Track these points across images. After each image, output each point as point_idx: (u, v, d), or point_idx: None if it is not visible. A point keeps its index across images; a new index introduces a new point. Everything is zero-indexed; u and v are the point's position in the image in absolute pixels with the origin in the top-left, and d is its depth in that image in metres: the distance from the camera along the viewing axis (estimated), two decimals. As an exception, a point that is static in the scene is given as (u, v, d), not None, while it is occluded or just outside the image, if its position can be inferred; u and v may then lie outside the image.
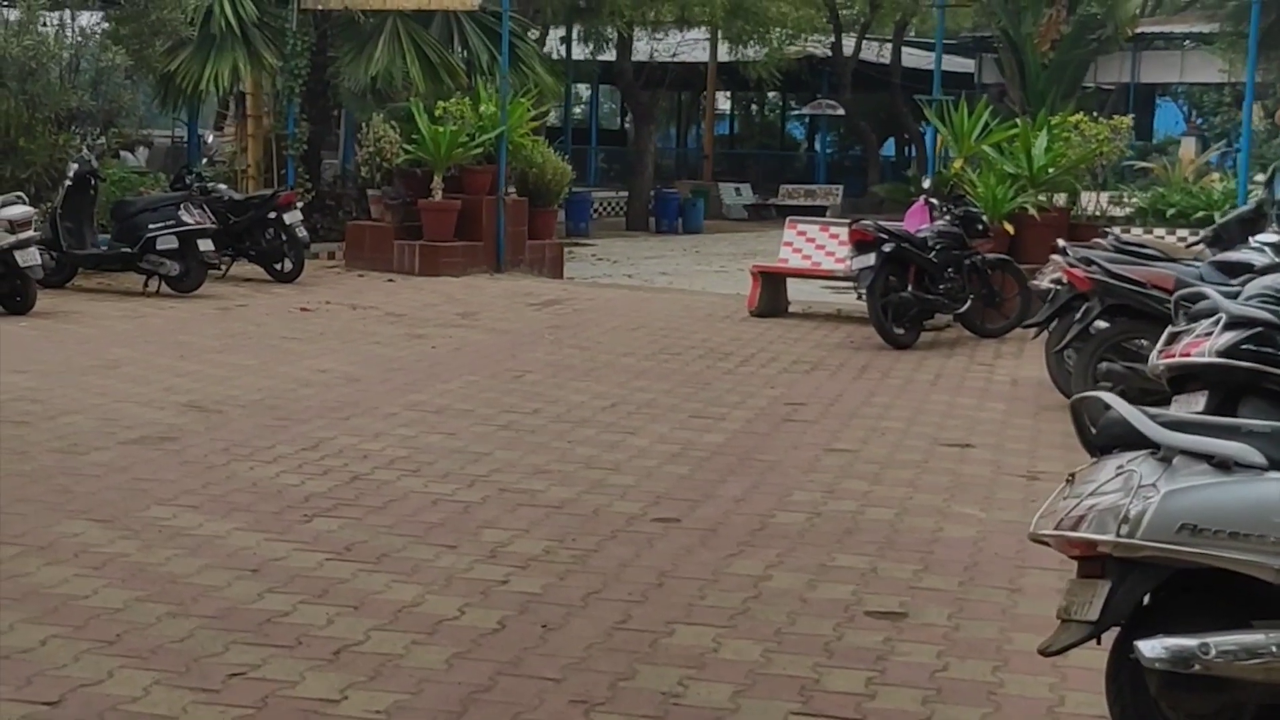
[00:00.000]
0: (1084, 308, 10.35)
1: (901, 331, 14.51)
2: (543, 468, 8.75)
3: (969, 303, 15.06)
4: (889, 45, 45.83)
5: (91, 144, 17.79)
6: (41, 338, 13.40)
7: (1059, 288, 11.47)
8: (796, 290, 17.35)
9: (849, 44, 44.50)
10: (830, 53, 44.33)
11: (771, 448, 9.58)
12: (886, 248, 14.29)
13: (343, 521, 7.41)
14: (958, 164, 17.25)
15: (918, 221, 15.48)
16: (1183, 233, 20.00)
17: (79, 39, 18.76)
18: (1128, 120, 18.53)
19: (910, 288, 14.53)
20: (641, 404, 11.00)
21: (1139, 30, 42.34)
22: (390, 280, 19.31)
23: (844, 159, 53.24)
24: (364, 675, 5.31)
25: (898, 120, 50.31)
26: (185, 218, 16.67)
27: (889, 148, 53.52)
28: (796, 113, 48.29)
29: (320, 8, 22.04)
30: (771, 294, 16.92)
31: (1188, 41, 41.46)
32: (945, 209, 15.34)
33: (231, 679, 5.24)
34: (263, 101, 23.39)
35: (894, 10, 44.15)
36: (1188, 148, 38.72)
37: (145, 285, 16.97)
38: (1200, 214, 23.32)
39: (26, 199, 15.26)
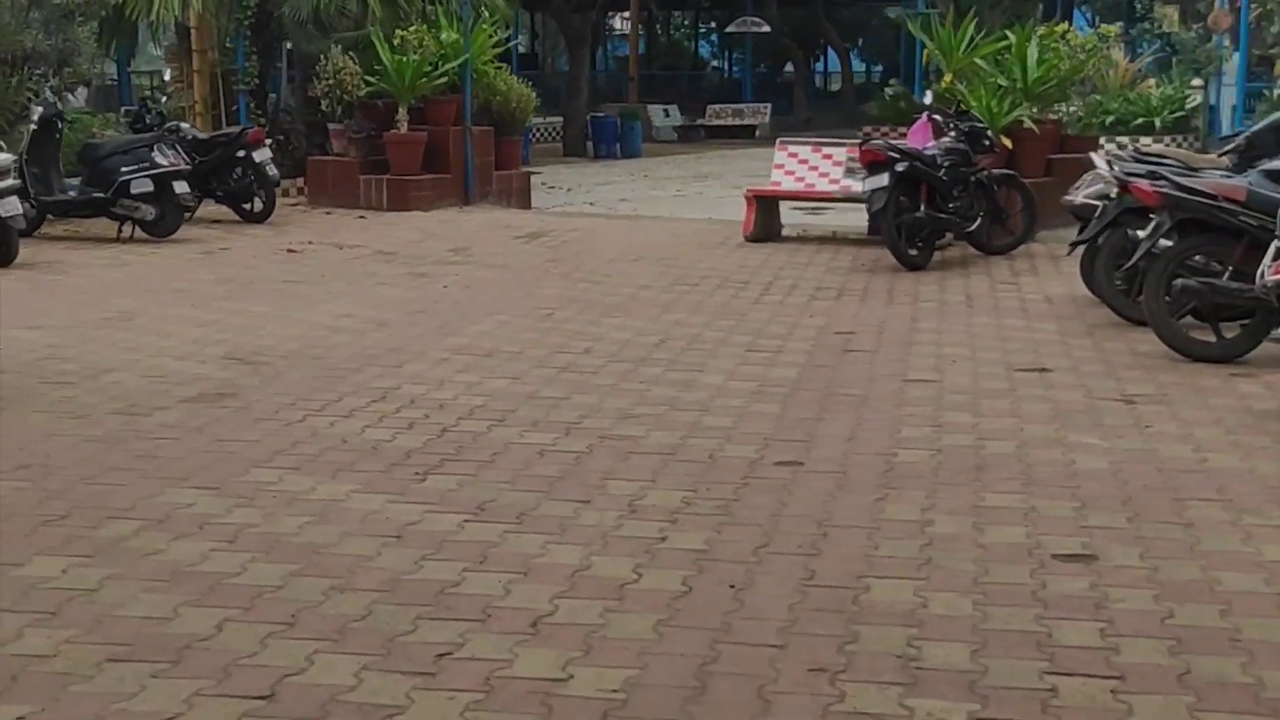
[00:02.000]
0: (1154, 223, 10.09)
1: (915, 252, 14.28)
2: (629, 412, 8.42)
3: (979, 220, 14.83)
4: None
5: (56, 86, 17.09)
6: (33, 290, 12.86)
7: (1106, 202, 11.24)
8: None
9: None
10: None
11: (848, 380, 9.30)
12: (900, 167, 14.04)
13: (458, 478, 7.04)
14: (947, 79, 16.96)
15: (921, 139, 15.20)
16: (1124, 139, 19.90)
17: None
18: (1114, 29, 18.30)
19: (923, 207, 14.27)
20: (689, 339, 10.68)
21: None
22: (362, 217, 18.85)
23: (772, 77, 52.85)
24: (577, 650, 4.97)
25: (822, 36, 50.12)
26: (159, 159, 16.10)
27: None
28: (725, 31, 47.61)
29: (269, -65, 21.28)
30: (766, 218, 16.63)
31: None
32: (950, 125, 15.07)
33: (441, 660, 4.89)
34: (208, 35, 22.64)
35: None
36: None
37: (119, 231, 16.40)
38: (1139, 120, 23.24)
39: (4, 146, 14.63)
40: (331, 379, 9.26)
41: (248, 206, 18.20)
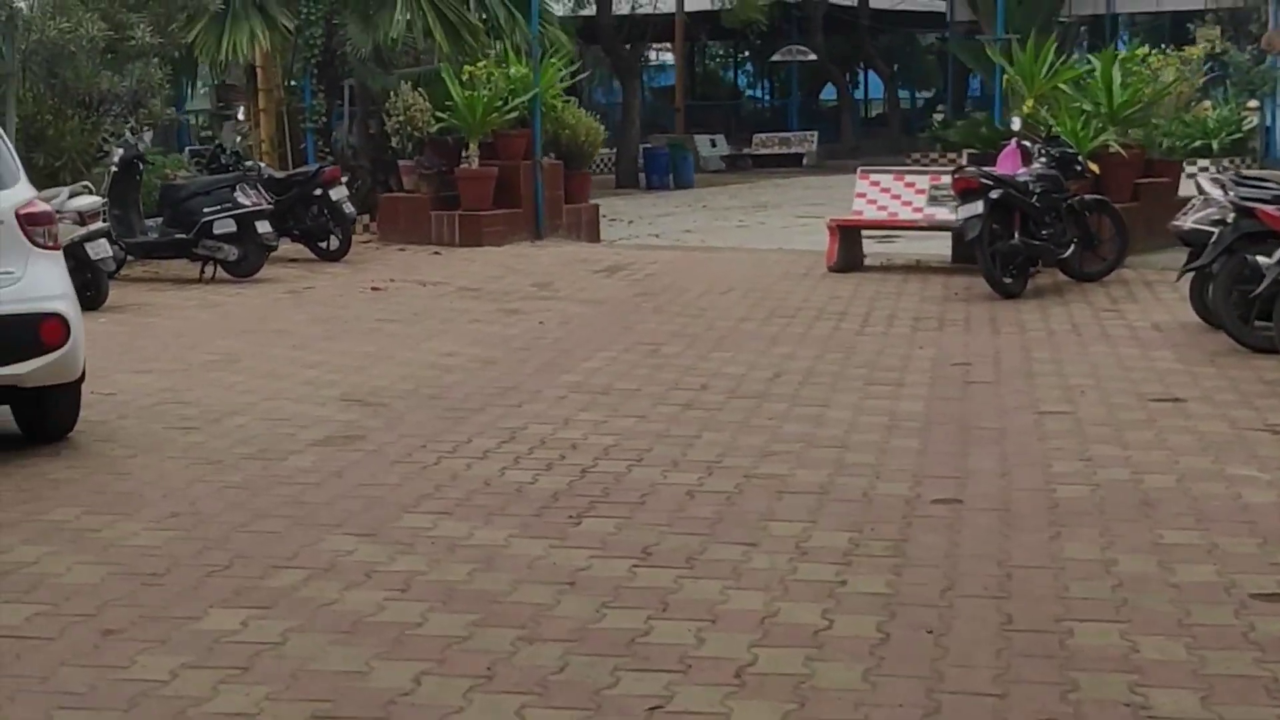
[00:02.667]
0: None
1: (1009, 280, 14.11)
2: (766, 449, 8.28)
3: (1072, 247, 14.67)
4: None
5: (135, 127, 17.05)
6: (131, 334, 12.79)
7: (1222, 227, 11.07)
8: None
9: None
10: (800, -2, 43.82)
11: (980, 413, 9.15)
12: (994, 194, 13.90)
13: (614, 521, 6.91)
14: (1029, 104, 16.81)
15: (1010, 166, 15.03)
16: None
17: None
18: (1198, 50, 18.14)
19: (1016, 234, 14.12)
20: (803, 372, 10.55)
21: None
22: (437, 253, 18.78)
23: (814, 105, 52.69)
24: (791, 702, 4.83)
25: (868, 63, 49.98)
26: (242, 199, 16.05)
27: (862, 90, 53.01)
28: (771, 60, 47.51)
29: (336, -28, 21.24)
30: (848, 247, 16.49)
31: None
32: (1042, 151, 14.92)
33: (654, 713, 4.75)
34: (273, 74, 22.66)
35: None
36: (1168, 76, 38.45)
37: (201, 272, 16.35)
38: (1197, 143, 23.01)
39: (93, 188, 14.59)
40: (454, 420, 9.14)
41: (323, 245, 18.14)
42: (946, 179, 16.39)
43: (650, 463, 8.02)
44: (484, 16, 22.02)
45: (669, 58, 56.02)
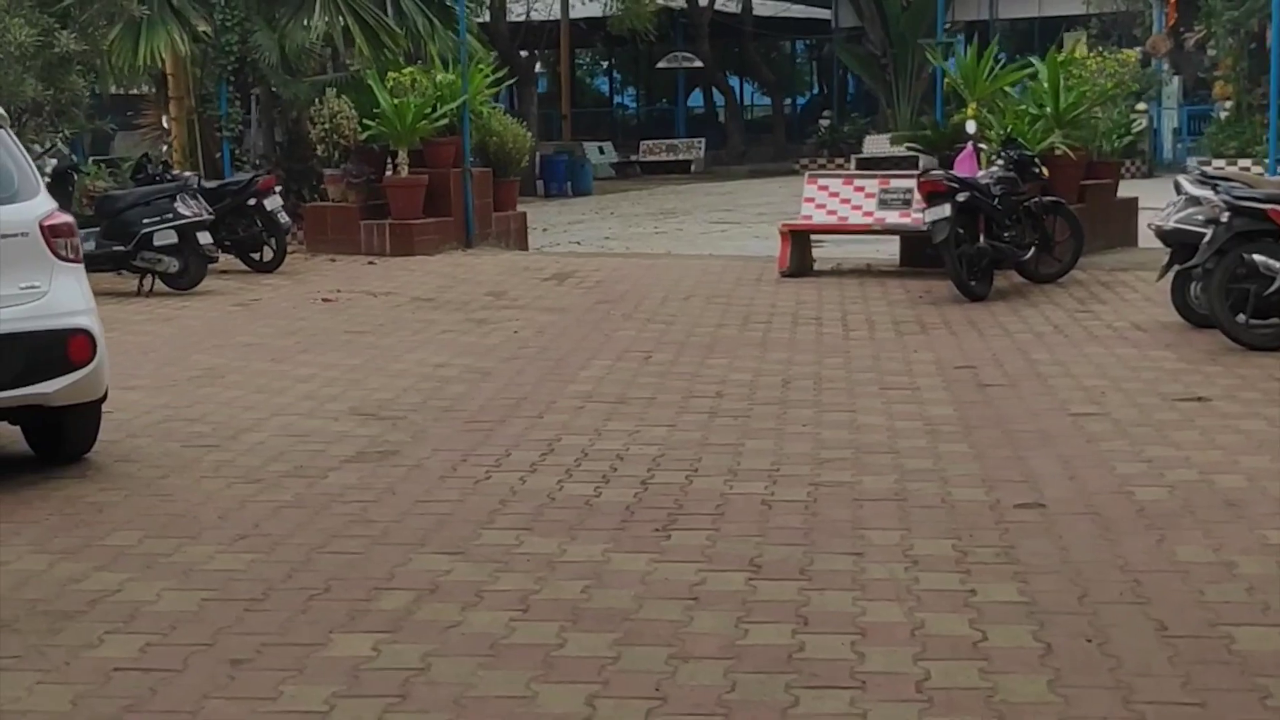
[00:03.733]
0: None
1: (974, 283, 14.10)
2: (817, 456, 8.14)
3: (1032, 249, 14.72)
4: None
5: (67, 137, 16.52)
6: (92, 348, 12.32)
7: (1216, 227, 11.10)
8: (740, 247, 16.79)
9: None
10: (685, 3, 43.82)
11: (1013, 416, 9.08)
12: (960, 197, 13.89)
13: (704, 534, 6.72)
14: (971, 108, 16.84)
15: (967, 168, 15.04)
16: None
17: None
18: (1134, 54, 18.29)
19: (982, 237, 14.13)
20: (811, 378, 10.46)
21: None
22: (371, 263, 18.46)
23: (697, 111, 52.73)
24: (993, 718, 4.68)
25: (751, 70, 50.13)
26: (182, 210, 15.66)
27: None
28: (657, 67, 47.45)
29: (251, -24, 20.77)
30: (800, 252, 16.40)
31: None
32: (998, 154, 14.95)
33: (858, 733, 4.58)
34: (184, 82, 22.10)
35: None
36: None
37: (140, 285, 15.88)
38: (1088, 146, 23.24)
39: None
40: (481, 433, 8.90)
41: (257, 256, 17.72)
42: (896, 183, 16.43)
43: (707, 472, 7.84)
44: (403, 23, 21.69)
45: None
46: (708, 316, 13.43)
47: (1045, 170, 15.59)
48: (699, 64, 45.73)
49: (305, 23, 20.75)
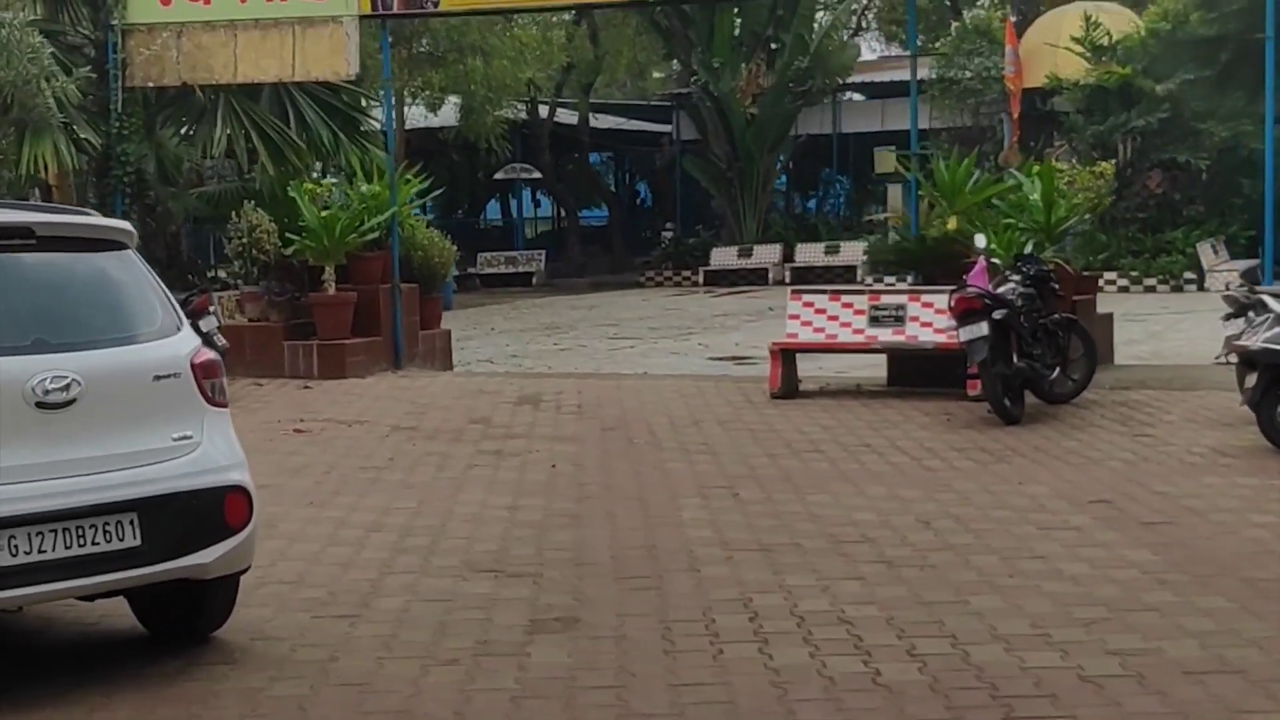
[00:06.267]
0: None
1: (1010, 404, 13.32)
2: (1070, 616, 7.20)
3: (1057, 369, 14.02)
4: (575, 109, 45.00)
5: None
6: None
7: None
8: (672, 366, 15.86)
9: (544, 107, 43.51)
10: (526, 115, 43.07)
11: (1220, 558, 8.22)
12: (997, 315, 13.12)
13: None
14: (952, 221, 16.15)
15: (981, 283, 14.24)
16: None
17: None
18: (1110, 166, 17.84)
19: (1016, 357, 13.38)
20: (946, 517, 9.53)
21: (845, 81, 42.57)
22: (307, 387, 17.13)
23: (536, 225, 51.94)
24: None
25: (592, 182, 49.54)
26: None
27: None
28: (494, 178, 46.47)
29: (151, 84, 19.34)
30: (788, 372, 15.49)
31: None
32: (1014, 269, 14.24)
33: None
34: (68, 194, 20.48)
35: (587, 71, 43.36)
36: (895, 195, 38.83)
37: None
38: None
39: None
40: (648, 590, 7.80)
41: (187, 380, 16.19)
42: (886, 299, 15.68)
43: (968, 639, 6.83)
44: (305, 135, 20.48)
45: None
46: (743, 444, 12.41)
47: (1060, 286, 14.91)
48: (538, 175, 44.90)
49: (213, 134, 19.48)
